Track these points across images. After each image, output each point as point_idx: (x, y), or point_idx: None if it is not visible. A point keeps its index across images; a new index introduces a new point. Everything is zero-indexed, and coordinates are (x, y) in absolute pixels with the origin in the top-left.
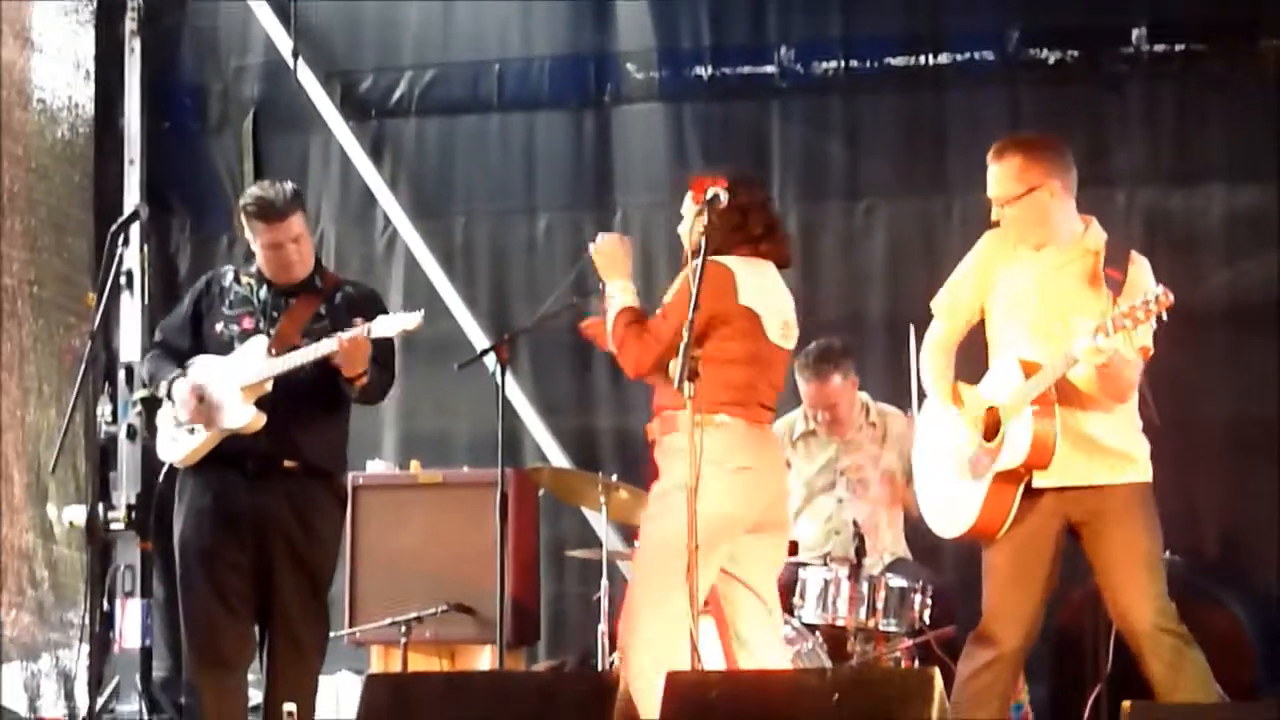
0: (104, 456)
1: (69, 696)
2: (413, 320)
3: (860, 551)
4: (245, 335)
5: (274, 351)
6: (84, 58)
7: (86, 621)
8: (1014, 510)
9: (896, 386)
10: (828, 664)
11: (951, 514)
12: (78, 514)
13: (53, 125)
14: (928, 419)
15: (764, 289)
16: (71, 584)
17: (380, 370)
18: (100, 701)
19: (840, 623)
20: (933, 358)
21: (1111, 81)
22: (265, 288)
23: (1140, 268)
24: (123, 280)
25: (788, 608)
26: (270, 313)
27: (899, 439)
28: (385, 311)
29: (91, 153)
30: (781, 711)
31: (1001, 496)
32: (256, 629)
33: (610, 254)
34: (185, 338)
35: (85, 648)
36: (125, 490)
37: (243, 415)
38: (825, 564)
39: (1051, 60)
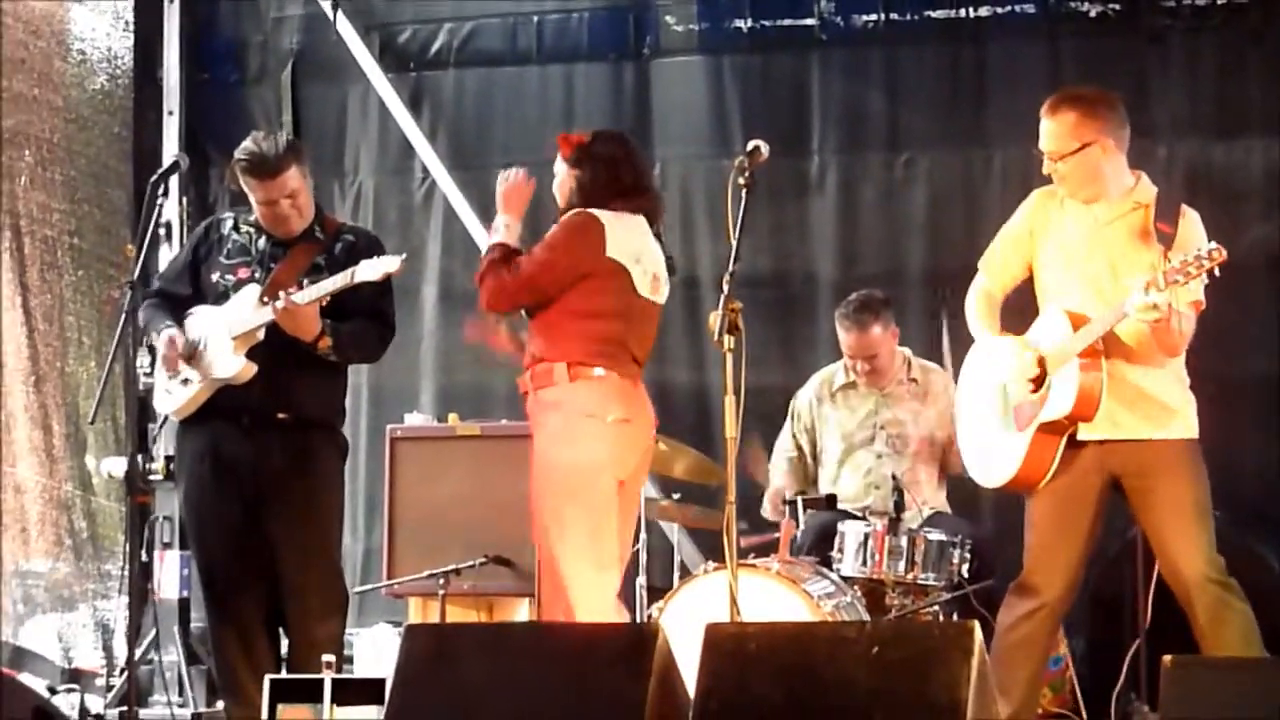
0: (143, 408)
1: (106, 647)
2: (394, 263)
3: (899, 506)
4: (240, 285)
5: (265, 300)
6: (123, 8)
7: (125, 572)
8: (1056, 462)
9: (935, 340)
10: (866, 617)
11: (993, 463)
12: (116, 465)
13: (92, 76)
14: (970, 369)
15: (632, 243)
16: (110, 535)
17: (370, 323)
18: (138, 652)
19: (879, 576)
20: (978, 303)
21: (1152, 34)
22: (264, 237)
23: (1191, 221)
24: (162, 231)
25: (826, 561)
26: (268, 263)
27: (939, 397)
28: None
29: (130, 104)
30: (821, 664)
31: (1044, 448)
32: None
33: (515, 187)
34: (184, 285)
35: (124, 599)
36: (164, 442)
37: (232, 365)
38: (864, 518)
39: (1092, 13)
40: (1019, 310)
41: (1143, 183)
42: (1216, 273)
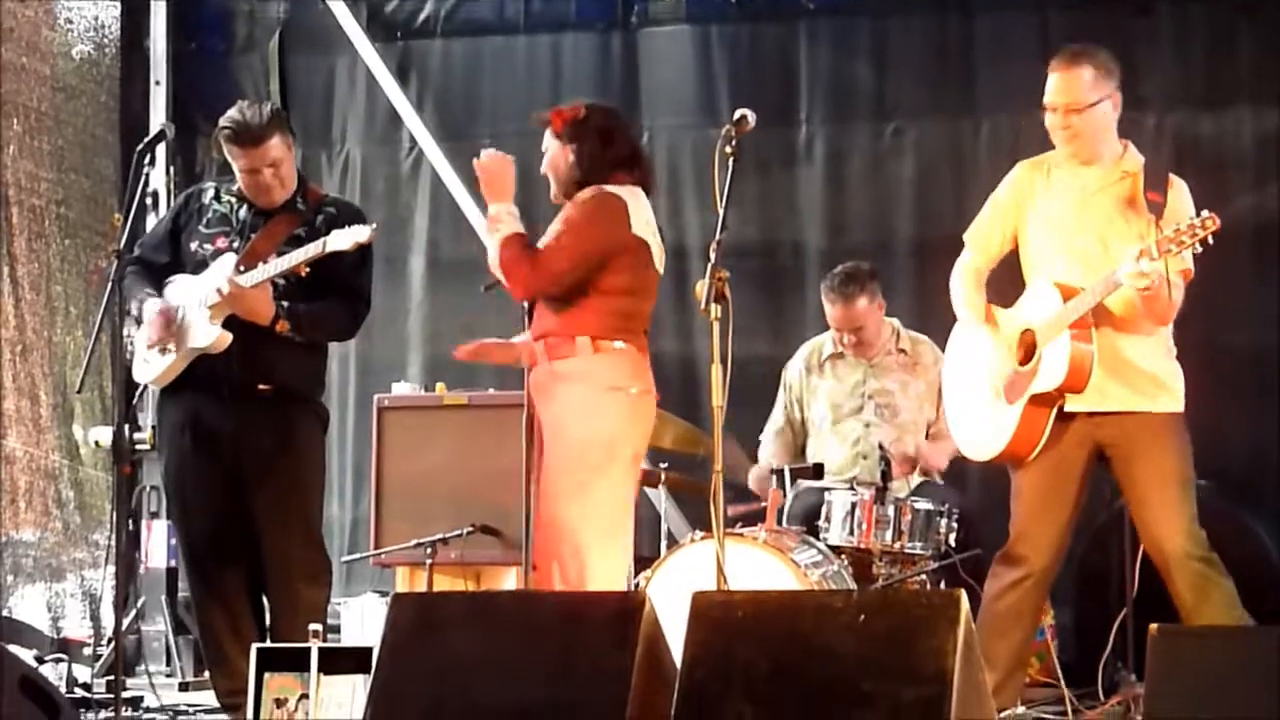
0: (129, 377)
1: (94, 617)
2: (364, 232)
3: (886, 475)
4: (218, 255)
5: (242, 269)
6: None
7: (112, 542)
8: (1046, 433)
9: (923, 311)
10: (853, 586)
11: (984, 437)
12: (104, 434)
13: (79, 45)
14: (958, 342)
15: (650, 216)
16: (97, 504)
17: (335, 301)
18: (126, 621)
19: (866, 545)
20: (964, 281)
21: (1141, 4)
22: (245, 207)
23: (1179, 190)
24: (148, 201)
25: (813, 530)
26: (248, 232)
27: (929, 368)
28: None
29: (118, 73)
30: (808, 632)
31: (1034, 419)
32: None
33: (496, 172)
34: (164, 254)
35: (111, 568)
36: (150, 411)
37: (208, 334)
38: (851, 488)
39: None
40: (998, 284)
41: (1130, 151)
42: (1210, 241)
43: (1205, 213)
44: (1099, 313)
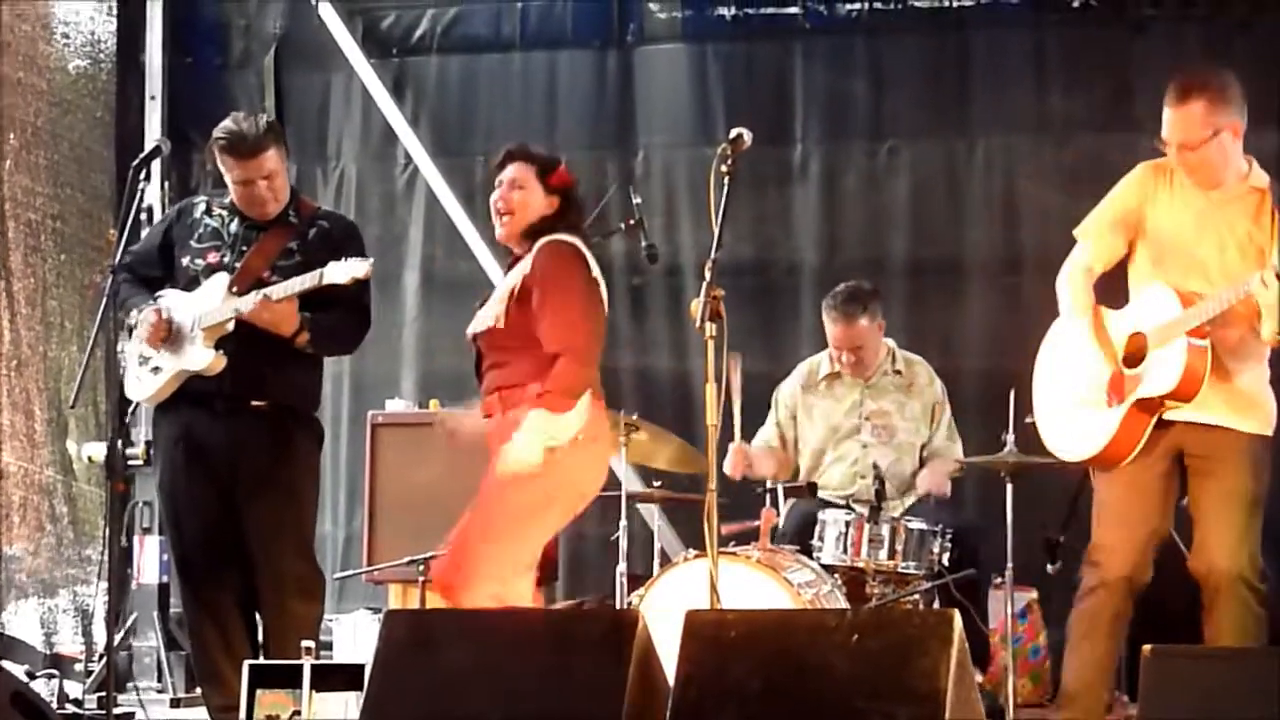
0: (123, 392)
1: (87, 632)
2: (362, 268)
3: (880, 495)
4: (210, 270)
5: (235, 289)
6: None
7: (105, 557)
8: (1144, 440)
9: (917, 330)
10: (846, 606)
11: (1078, 437)
12: (97, 450)
13: (75, 59)
14: (1057, 338)
15: (593, 259)
16: (90, 520)
17: (346, 315)
18: (117, 637)
19: (860, 565)
20: (1072, 275)
21: (1136, 24)
22: (237, 221)
23: None
24: (144, 216)
25: (806, 549)
26: (240, 247)
27: (924, 389)
28: (361, 247)
29: (114, 88)
30: (801, 652)
31: (1135, 425)
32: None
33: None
34: (155, 268)
35: (103, 584)
36: (144, 426)
37: (203, 358)
38: (846, 505)
39: (1076, 2)
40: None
41: (1256, 168)
42: None
43: None
44: (1214, 327)
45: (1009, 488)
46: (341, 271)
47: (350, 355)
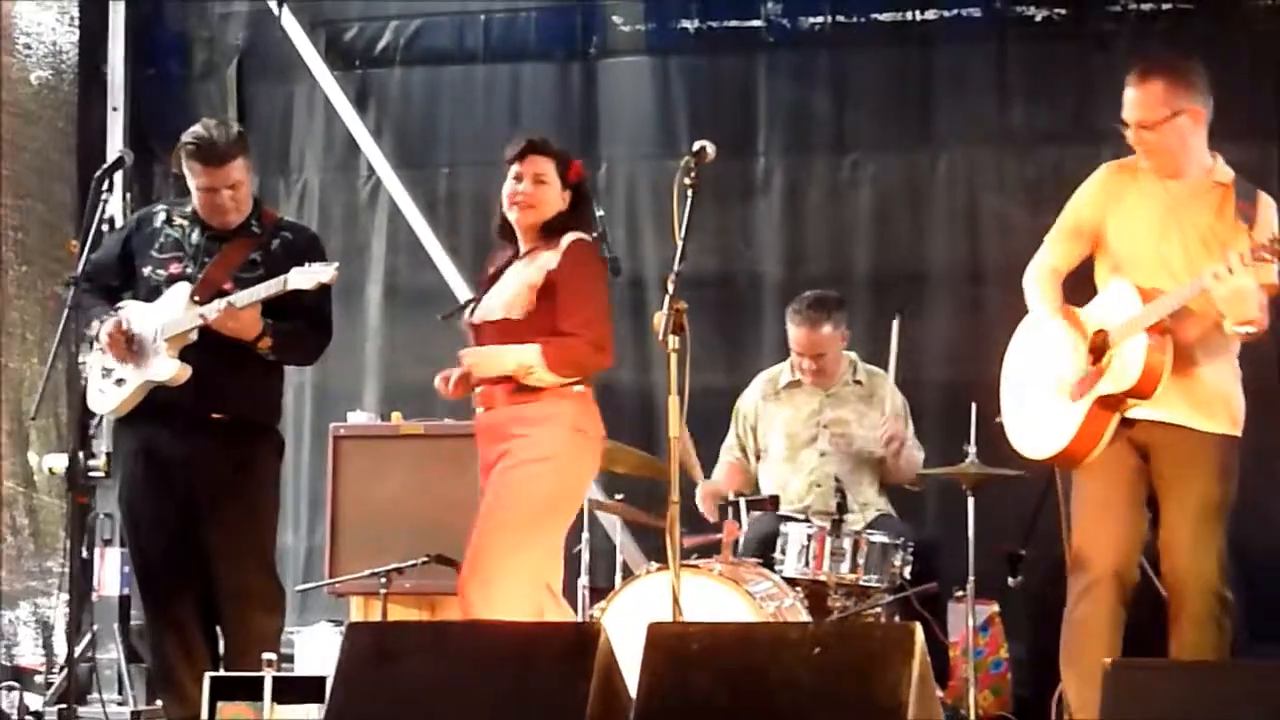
0: (85, 404)
1: (47, 644)
2: (327, 272)
3: (842, 507)
4: (172, 280)
5: (197, 299)
6: (68, 3)
7: (66, 569)
8: (1107, 437)
9: (880, 342)
10: (808, 619)
11: (1042, 434)
12: (58, 461)
13: (37, 70)
14: (1023, 337)
15: None
16: (51, 532)
17: (309, 325)
18: (79, 649)
19: (821, 578)
20: (1039, 276)
21: (1098, 39)
22: (198, 230)
23: (1266, 204)
24: (106, 227)
25: (768, 562)
26: (201, 258)
27: (884, 401)
28: (324, 258)
29: (76, 98)
30: (763, 664)
31: (1097, 421)
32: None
33: (487, 355)
34: (114, 278)
35: (64, 596)
36: (105, 438)
37: (166, 368)
38: (806, 519)
39: (1038, 17)
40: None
41: (1220, 163)
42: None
43: None
44: (1188, 323)
45: (970, 500)
46: (306, 277)
47: (312, 367)
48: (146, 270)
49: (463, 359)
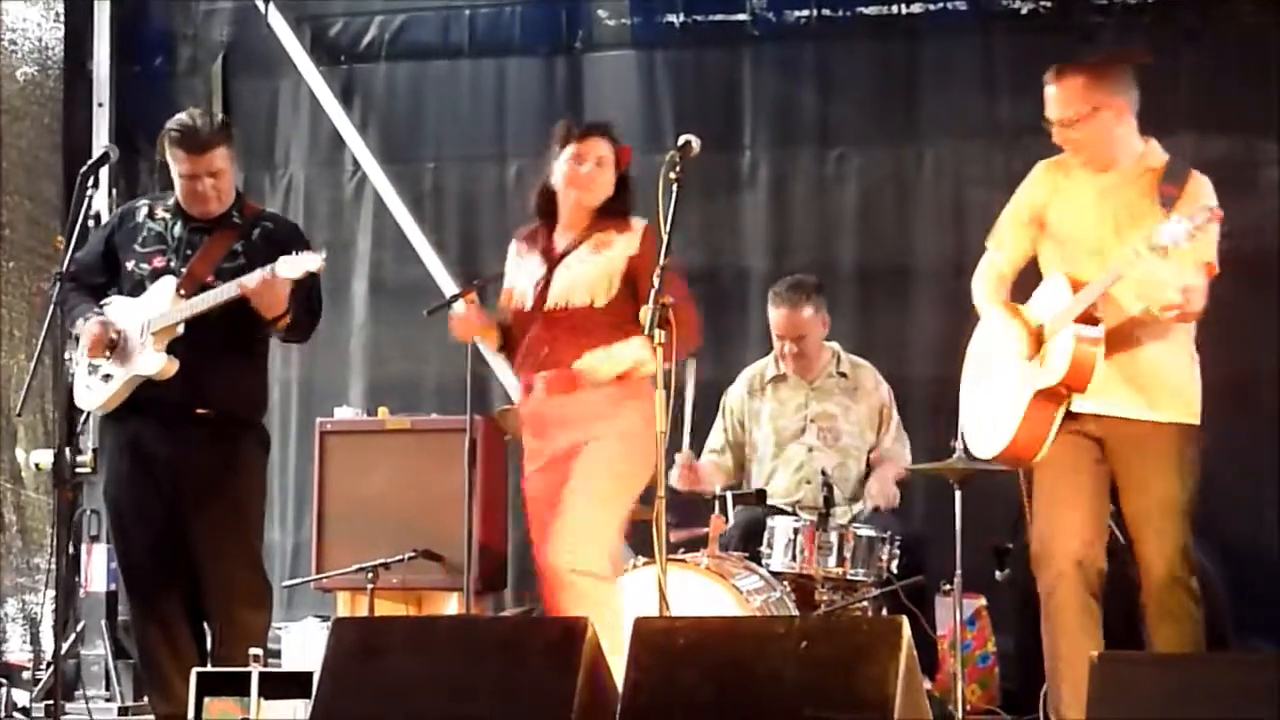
0: (71, 400)
1: (34, 641)
2: (315, 261)
3: (829, 501)
4: (156, 274)
5: (183, 292)
6: None
7: (53, 565)
8: (1053, 432)
9: (866, 335)
10: (795, 613)
11: (988, 433)
12: (45, 457)
13: (23, 67)
14: (977, 339)
15: None
16: (38, 528)
17: (302, 309)
18: (66, 645)
19: (808, 571)
20: (985, 278)
21: (1084, 32)
22: (180, 223)
23: (1200, 184)
24: (92, 223)
25: (755, 556)
26: (184, 250)
27: (870, 393)
28: (308, 247)
29: (61, 95)
30: (749, 658)
31: (1040, 417)
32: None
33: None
34: (99, 274)
35: (51, 592)
36: (92, 434)
37: (153, 362)
38: (794, 513)
39: (1024, 10)
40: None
41: (1152, 147)
42: (1215, 234)
43: (1211, 204)
44: (1113, 311)
45: (958, 494)
46: (294, 265)
47: (298, 362)
48: (130, 265)
49: (577, 373)
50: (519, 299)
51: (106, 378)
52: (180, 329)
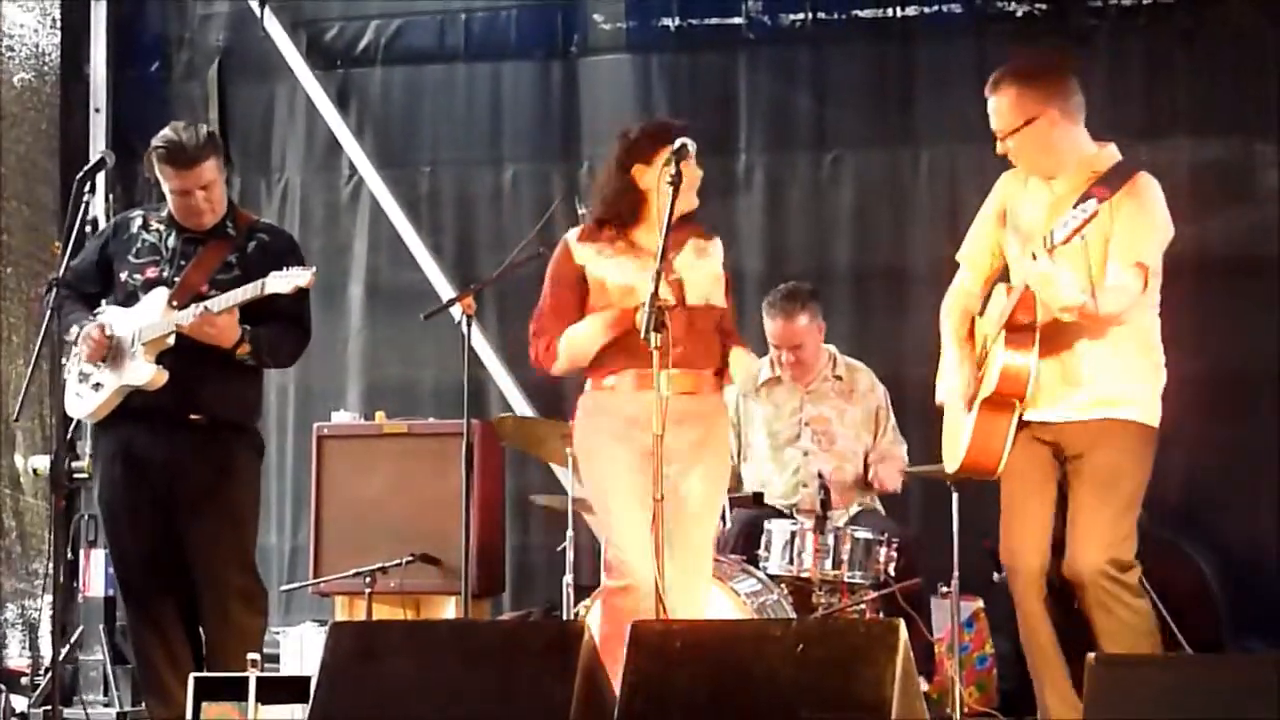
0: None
1: (33, 646)
2: (305, 276)
3: (826, 504)
4: (149, 285)
5: (175, 303)
6: (50, 5)
7: (51, 571)
8: (1008, 443)
9: (861, 338)
10: (792, 615)
11: (950, 448)
12: (43, 463)
13: (20, 72)
14: (945, 365)
15: None
16: (37, 533)
17: (286, 328)
18: (64, 651)
19: (805, 574)
20: (951, 305)
21: (1079, 35)
22: (174, 234)
23: (1139, 186)
24: (88, 228)
25: (752, 559)
26: (178, 261)
27: (865, 395)
28: (301, 260)
29: (58, 100)
30: (746, 662)
31: (991, 428)
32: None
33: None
34: (93, 284)
35: (49, 597)
36: (89, 440)
37: (144, 372)
38: (791, 516)
39: (1019, 13)
40: None
41: (1105, 151)
42: (1154, 234)
43: (1093, 201)
44: (1045, 315)
45: (954, 497)
46: (284, 281)
47: (295, 366)
48: (124, 275)
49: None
50: (637, 295)
51: (97, 386)
52: (171, 340)
